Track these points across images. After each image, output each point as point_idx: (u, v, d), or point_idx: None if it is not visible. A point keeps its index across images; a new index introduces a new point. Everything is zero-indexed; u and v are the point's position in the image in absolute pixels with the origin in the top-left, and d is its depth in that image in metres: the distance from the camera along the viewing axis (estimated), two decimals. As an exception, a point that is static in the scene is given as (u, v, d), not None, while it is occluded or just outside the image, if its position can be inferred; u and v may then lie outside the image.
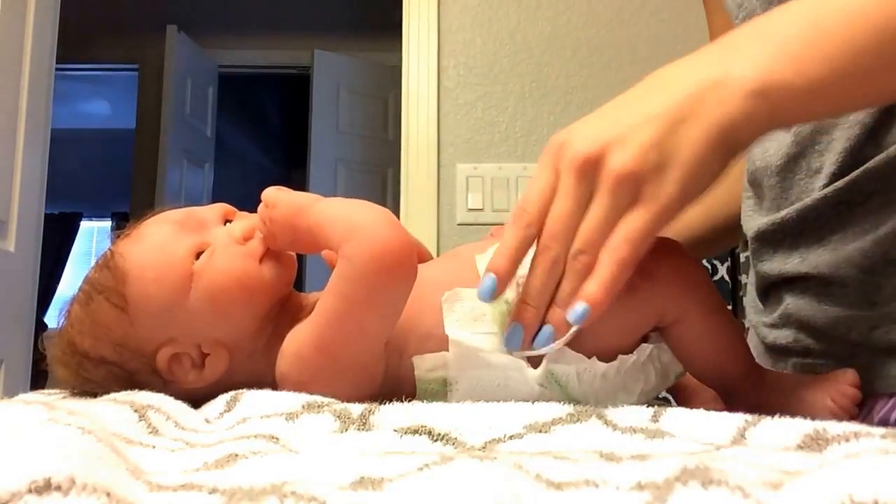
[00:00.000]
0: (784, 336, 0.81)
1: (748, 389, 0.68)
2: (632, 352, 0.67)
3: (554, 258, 0.59)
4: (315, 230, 0.66)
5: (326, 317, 0.64)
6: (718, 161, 0.58)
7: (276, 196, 0.68)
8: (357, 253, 0.62)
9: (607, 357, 0.66)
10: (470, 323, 0.65)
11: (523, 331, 0.61)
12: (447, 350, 0.66)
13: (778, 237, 0.80)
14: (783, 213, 0.78)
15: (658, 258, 0.63)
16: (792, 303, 0.80)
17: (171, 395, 0.63)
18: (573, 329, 0.60)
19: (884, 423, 0.70)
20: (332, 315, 0.64)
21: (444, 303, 0.66)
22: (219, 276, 0.68)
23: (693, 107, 0.57)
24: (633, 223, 0.57)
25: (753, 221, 0.86)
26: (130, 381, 0.68)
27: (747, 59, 0.58)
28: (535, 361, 0.65)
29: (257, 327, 0.70)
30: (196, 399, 0.67)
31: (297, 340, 0.66)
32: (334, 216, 0.65)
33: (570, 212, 0.59)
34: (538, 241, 0.60)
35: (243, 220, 0.72)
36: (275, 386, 0.66)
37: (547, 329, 0.61)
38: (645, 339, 0.69)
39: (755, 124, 0.58)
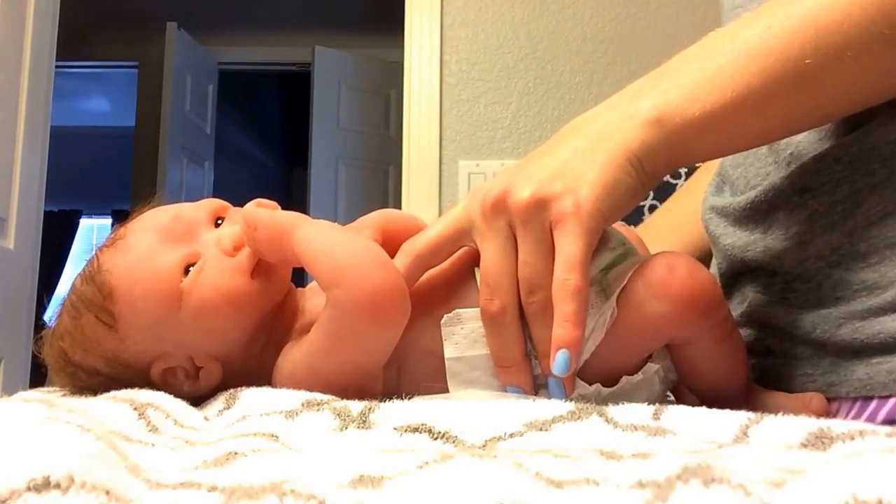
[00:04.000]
0: (746, 335, 0.79)
1: (735, 405, 0.67)
2: (637, 371, 0.65)
3: (498, 310, 0.62)
4: (301, 259, 0.64)
5: (317, 350, 0.63)
6: (628, 181, 0.61)
7: (255, 217, 0.65)
8: (343, 301, 0.61)
9: (612, 376, 0.64)
10: (470, 345, 0.64)
11: (522, 389, 0.63)
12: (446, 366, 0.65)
13: (751, 224, 0.79)
14: (752, 193, 0.77)
15: (672, 277, 0.62)
16: (754, 299, 0.79)
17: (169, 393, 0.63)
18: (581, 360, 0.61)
19: None
20: (322, 351, 0.63)
21: (443, 326, 0.65)
22: (208, 294, 0.66)
23: (600, 141, 0.63)
24: (566, 250, 0.59)
25: (718, 200, 0.85)
26: (127, 388, 0.67)
27: (647, 96, 0.64)
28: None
29: (250, 339, 0.69)
30: (195, 397, 0.67)
31: (291, 363, 0.65)
32: (318, 253, 0.63)
33: (493, 257, 0.62)
34: (480, 300, 0.63)
35: (233, 227, 0.69)
36: (272, 385, 0.65)
37: (554, 383, 0.62)
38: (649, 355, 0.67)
39: (655, 150, 0.62)
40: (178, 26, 4.80)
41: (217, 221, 0.72)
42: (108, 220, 7.95)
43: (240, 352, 0.69)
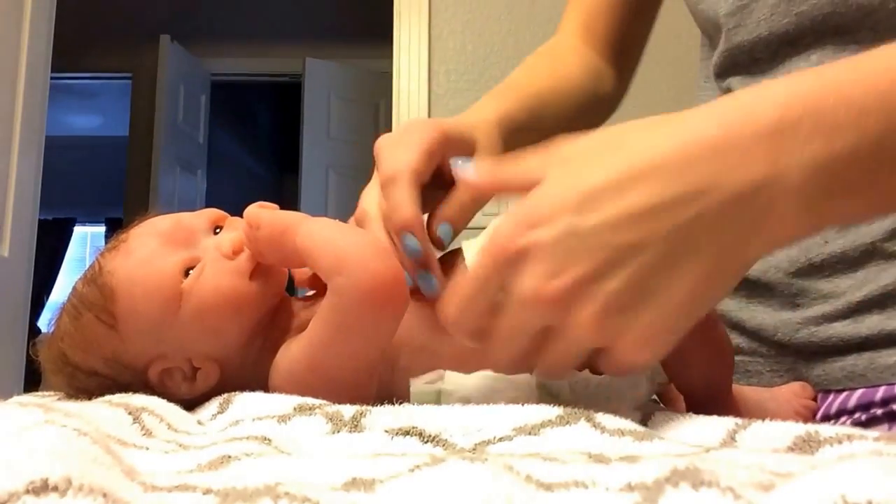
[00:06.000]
0: None
1: (720, 403, 0.68)
2: None
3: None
4: (302, 254, 0.64)
5: (318, 342, 0.64)
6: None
7: (258, 216, 0.66)
8: (346, 288, 0.61)
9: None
10: None
11: None
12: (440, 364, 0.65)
13: None
14: None
15: None
16: (724, 303, 0.84)
17: (164, 398, 0.63)
18: None
19: None
20: (324, 342, 0.64)
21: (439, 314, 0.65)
22: (208, 295, 0.67)
23: (721, 248, 0.47)
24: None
25: None
26: (123, 391, 0.67)
27: (793, 152, 0.43)
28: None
29: (247, 341, 0.70)
30: (189, 401, 0.67)
31: (290, 359, 0.65)
32: (321, 244, 0.63)
33: (508, 355, 0.55)
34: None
35: (233, 233, 0.71)
36: (267, 390, 0.66)
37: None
38: None
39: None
40: (171, 39, 4.82)
41: (216, 230, 0.73)
42: (101, 228, 7.95)
43: (237, 354, 0.69)
